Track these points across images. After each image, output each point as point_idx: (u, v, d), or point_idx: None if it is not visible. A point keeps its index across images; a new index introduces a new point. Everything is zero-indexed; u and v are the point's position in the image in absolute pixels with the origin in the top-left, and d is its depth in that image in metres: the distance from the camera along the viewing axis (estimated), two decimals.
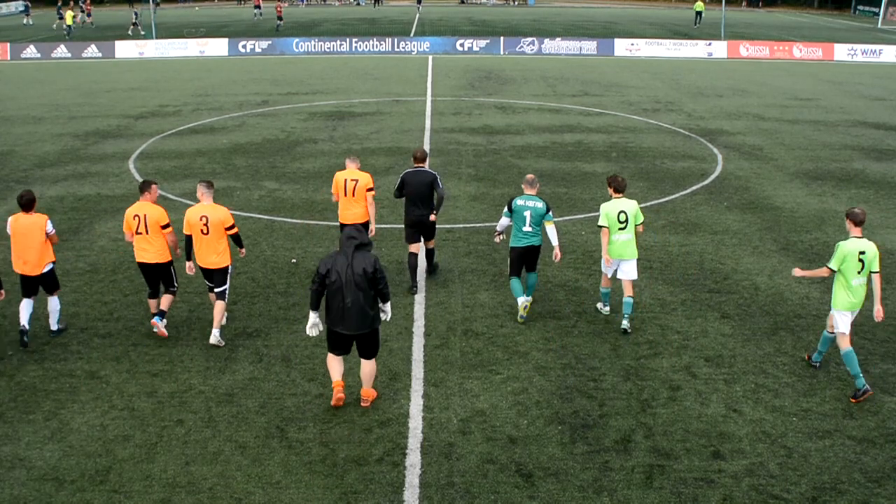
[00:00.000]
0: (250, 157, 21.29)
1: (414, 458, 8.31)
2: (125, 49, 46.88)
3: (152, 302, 11.26)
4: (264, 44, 47.69)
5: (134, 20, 58.48)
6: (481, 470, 8.18)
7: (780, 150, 22.75)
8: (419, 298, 12.18)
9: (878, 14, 75.63)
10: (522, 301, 11.49)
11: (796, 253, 14.41)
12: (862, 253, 9.66)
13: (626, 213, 11.14)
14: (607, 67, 40.91)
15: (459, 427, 8.86)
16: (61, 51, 46.48)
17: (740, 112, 28.75)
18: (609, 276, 11.62)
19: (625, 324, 11.29)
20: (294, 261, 13.67)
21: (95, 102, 30.12)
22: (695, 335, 11.09)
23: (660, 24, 67.24)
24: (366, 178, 12.34)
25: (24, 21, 68.18)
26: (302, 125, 25.31)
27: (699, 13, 66.05)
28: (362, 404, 9.33)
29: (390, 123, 25.41)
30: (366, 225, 12.25)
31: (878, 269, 9.76)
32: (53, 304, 11.16)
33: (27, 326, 10.89)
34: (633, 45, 47.90)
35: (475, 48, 47.75)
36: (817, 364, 10.43)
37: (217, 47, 47.58)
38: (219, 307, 10.91)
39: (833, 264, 9.72)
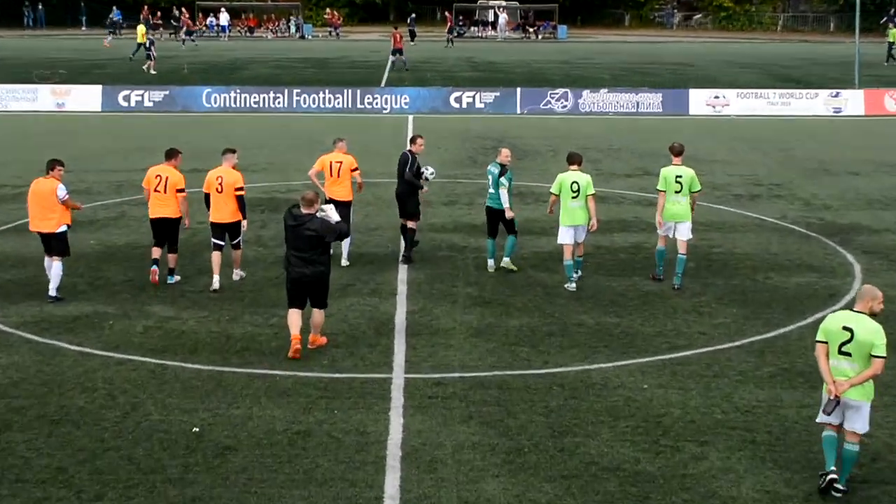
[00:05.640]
0: (131, 268, 21.45)
1: None
2: None
3: (155, 250, 19.82)
4: (158, 95, 48.42)
5: (186, 37, 62.46)
6: None
7: None
8: (391, 491, 12.26)
9: None
10: (491, 263, 20.88)
11: None
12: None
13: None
14: (679, 132, 40.03)
15: None
16: None
17: (888, 198, 28.92)
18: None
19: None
20: (196, 430, 13.79)
21: None
22: None
23: (759, 65, 68.32)
24: (349, 160, 21.35)
25: None
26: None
27: (892, 44, 66.62)
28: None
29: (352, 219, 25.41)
30: (348, 203, 21.14)
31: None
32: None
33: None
34: (717, 97, 48.71)
35: (478, 104, 48.52)
36: (661, 277, 20.22)
37: (84, 98, 48.24)
38: (236, 254, 20.18)
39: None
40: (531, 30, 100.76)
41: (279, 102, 48.97)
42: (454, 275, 21.27)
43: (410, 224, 21.66)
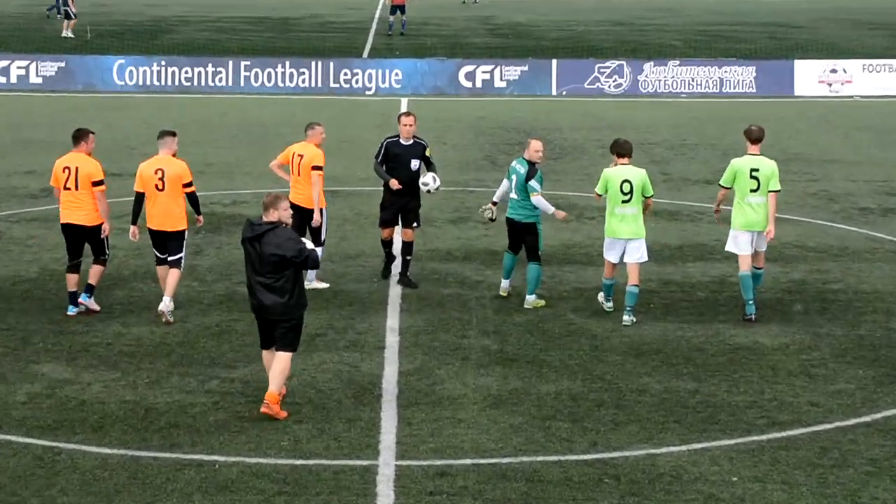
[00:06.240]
0: (10, 311, 20.47)
1: None
2: None
3: (71, 277, 18.14)
4: (50, 67, 47.63)
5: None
6: None
7: None
8: None
9: None
10: (505, 285, 19.82)
11: None
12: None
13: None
14: (778, 121, 40.01)
15: None
16: None
17: None
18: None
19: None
20: None
21: None
22: None
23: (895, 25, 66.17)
24: (312, 153, 20.08)
25: None
26: (127, 244, 23.47)
27: None
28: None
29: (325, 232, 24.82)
30: (313, 212, 20.22)
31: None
32: None
33: None
34: (835, 72, 47.58)
35: (498, 82, 47.54)
36: (752, 317, 18.48)
37: None
38: (172, 276, 18.66)
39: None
40: None
41: (221, 79, 47.89)
42: (465, 320, 19.70)
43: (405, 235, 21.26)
